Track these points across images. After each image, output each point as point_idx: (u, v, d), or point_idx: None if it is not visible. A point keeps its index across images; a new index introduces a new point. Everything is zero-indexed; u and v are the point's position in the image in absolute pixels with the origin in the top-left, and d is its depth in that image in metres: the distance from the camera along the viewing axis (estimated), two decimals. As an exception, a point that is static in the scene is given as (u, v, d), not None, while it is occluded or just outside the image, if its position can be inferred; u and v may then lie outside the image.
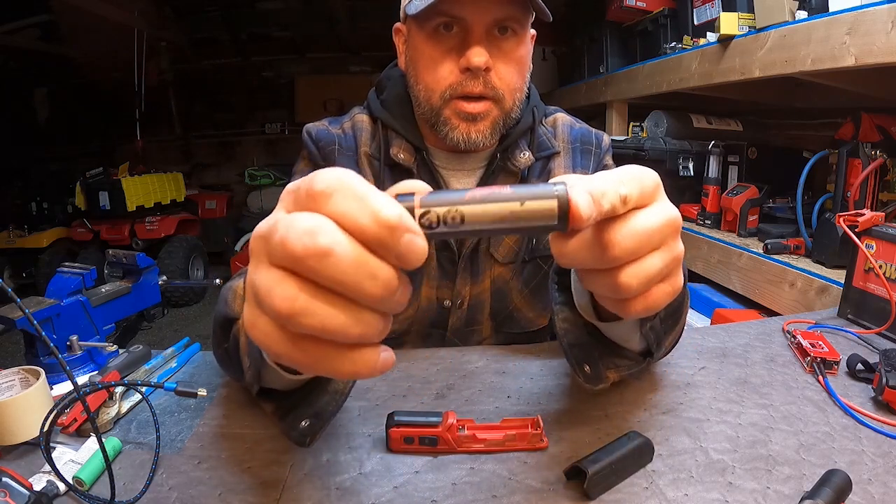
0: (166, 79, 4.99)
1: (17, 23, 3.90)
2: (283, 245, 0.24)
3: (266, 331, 0.27)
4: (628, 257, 0.31)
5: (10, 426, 0.52)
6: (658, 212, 0.32)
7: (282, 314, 0.25)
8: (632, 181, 0.31)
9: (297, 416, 0.46)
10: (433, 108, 0.71)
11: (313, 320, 0.25)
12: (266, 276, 0.25)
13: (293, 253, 0.24)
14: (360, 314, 0.25)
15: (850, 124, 1.30)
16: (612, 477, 0.48)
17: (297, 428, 0.46)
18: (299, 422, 0.46)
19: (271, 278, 0.25)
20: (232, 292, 0.50)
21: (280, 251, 0.25)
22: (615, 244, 0.30)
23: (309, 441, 0.46)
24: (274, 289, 0.25)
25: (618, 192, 0.30)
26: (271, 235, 0.25)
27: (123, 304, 0.85)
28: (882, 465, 0.51)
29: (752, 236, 1.50)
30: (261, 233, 0.27)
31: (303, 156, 0.81)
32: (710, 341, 0.78)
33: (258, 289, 0.26)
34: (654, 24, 2.09)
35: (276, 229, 0.25)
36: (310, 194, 0.25)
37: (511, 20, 0.67)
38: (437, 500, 0.47)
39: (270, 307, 0.25)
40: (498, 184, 0.78)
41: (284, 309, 0.25)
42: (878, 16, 1.01)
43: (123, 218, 3.82)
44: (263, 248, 0.26)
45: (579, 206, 0.27)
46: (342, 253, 0.24)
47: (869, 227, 0.82)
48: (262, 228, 0.27)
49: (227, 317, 0.49)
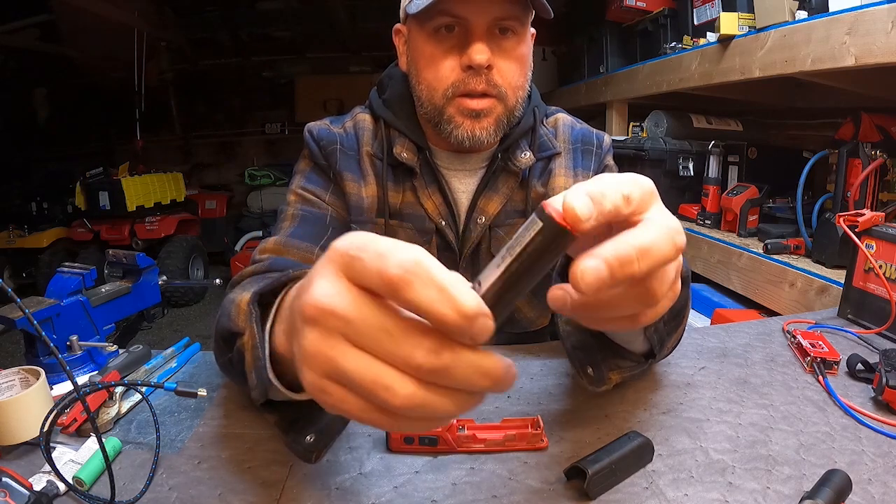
0: (166, 79, 4.99)
1: (17, 23, 3.90)
2: (410, 358, 0.26)
3: (356, 405, 0.28)
4: (663, 291, 0.32)
5: (10, 426, 0.51)
6: (665, 228, 0.31)
7: (401, 408, 0.26)
8: (630, 183, 0.31)
9: (301, 430, 0.45)
10: (436, 106, 0.71)
11: (428, 413, 0.26)
12: (373, 369, 0.26)
13: (419, 366, 0.26)
14: (471, 399, 0.27)
15: (850, 124, 1.31)
16: (612, 477, 0.48)
17: (302, 442, 0.44)
18: (304, 436, 0.44)
19: (383, 373, 0.26)
20: (235, 307, 0.49)
21: (403, 357, 0.26)
22: (655, 292, 0.31)
23: (315, 457, 0.45)
24: (393, 386, 0.26)
25: (619, 191, 0.30)
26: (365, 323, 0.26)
27: (123, 304, 0.85)
28: (882, 465, 0.51)
29: (752, 236, 1.50)
30: (332, 308, 0.27)
31: (304, 155, 0.81)
32: (710, 341, 0.78)
33: (361, 379, 0.26)
34: (654, 24, 2.09)
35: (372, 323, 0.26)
36: (385, 279, 0.25)
37: (511, 19, 0.67)
38: (437, 500, 0.47)
39: (385, 401, 0.26)
40: (499, 183, 0.78)
41: (404, 404, 0.26)
42: (878, 16, 1.01)
43: (123, 218, 3.82)
44: (341, 328, 0.27)
45: (575, 207, 0.27)
46: (456, 373, 0.26)
47: (869, 227, 0.82)
48: (330, 299, 0.27)
49: (231, 331, 0.48)
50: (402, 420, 0.27)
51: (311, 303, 0.27)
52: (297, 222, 0.75)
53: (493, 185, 0.78)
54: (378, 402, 0.26)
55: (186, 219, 4.32)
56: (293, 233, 0.74)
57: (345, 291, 0.27)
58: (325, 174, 0.78)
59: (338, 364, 0.27)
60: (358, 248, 0.27)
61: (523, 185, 0.79)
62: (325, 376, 0.28)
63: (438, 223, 0.77)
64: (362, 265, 0.26)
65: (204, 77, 5.30)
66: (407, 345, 0.26)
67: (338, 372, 0.27)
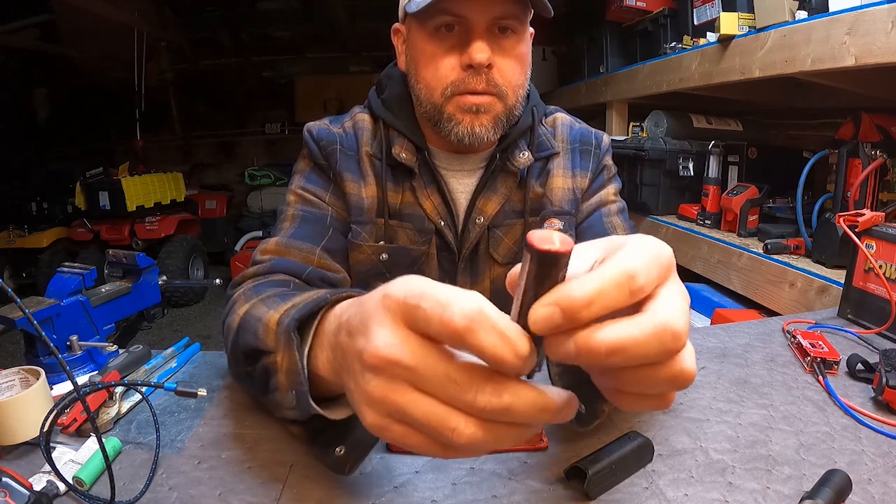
0: (166, 79, 4.99)
1: (17, 23, 3.90)
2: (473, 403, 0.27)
3: (420, 442, 0.30)
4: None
5: (10, 426, 0.51)
6: (661, 325, 0.26)
7: (465, 446, 0.28)
8: (644, 266, 0.27)
9: (328, 441, 0.45)
10: (435, 105, 0.70)
11: (490, 447, 0.29)
12: (438, 412, 0.28)
13: (483, 409, 0.27)
14: (529, 430, 0.29)
15: (850, 124, 1.31)
16: (612, 477, 0.48)
17: (332, 455, 0.45)
18: (332, 447, 0.45)
19: (448, 416, 0.28)
20: (263, 326, 0.49)
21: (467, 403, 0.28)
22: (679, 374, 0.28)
23: (348, 470, 0.45)
24: (459, 427, 0.28)
25: (625, 286, 0.26)
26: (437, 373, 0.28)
27: (123, 304, 0.85)
28: (882, 465, 0.51)
29: (752, 236, 1.50)
30: (397, 359, 0.28)
31: (303, 155, 0.81)
32: (710, 341, 0.78)
33: (427, 422, 0.28)
34: (654, 24, 2.09)
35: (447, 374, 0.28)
36: (450, 329, 0.27)
37: (511, 18, 0.67)
38: (437, 500, 0.47)
39: (451, 441, 0.28)
40: (498, 184, 0.78)
41: (468, 442, 0.28)
42: (878, 16, 1.01)
43: (123, 218, 3.82)
44: (405, 376, 0.29)
45: (538, 316, 0.26)
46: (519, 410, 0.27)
47: (869, 227, 0.82)
48: (394, 350, 0.29)
49: (258, 349, 0.49)
50: (464, 452, 0.30)
51: (373, 352, 0.29)
52: (297, 223, 0.75)
53: (491, 185, 0.78)
54: (443, 441, 0.28)
55: (186, 219, 4.32)
56: (294, 233, 0.74)
57: (406, 341, 0.29)
58: (324, 174, 0.78)
59: (404, 409, 0.29)
60: (417, 297, 0.28)
61: (522, 185, 0.79)
62: (389, 417, 0.30)
63: (437, 223, 0.77)
64: (424, 314, 0.28)
65: (204, 77, 5.30)
66: (471, 391, 0.27)
67: (404, 415, 0.29)
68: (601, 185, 0.83)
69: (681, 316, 0.27)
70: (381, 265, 0.78)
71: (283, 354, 0.45)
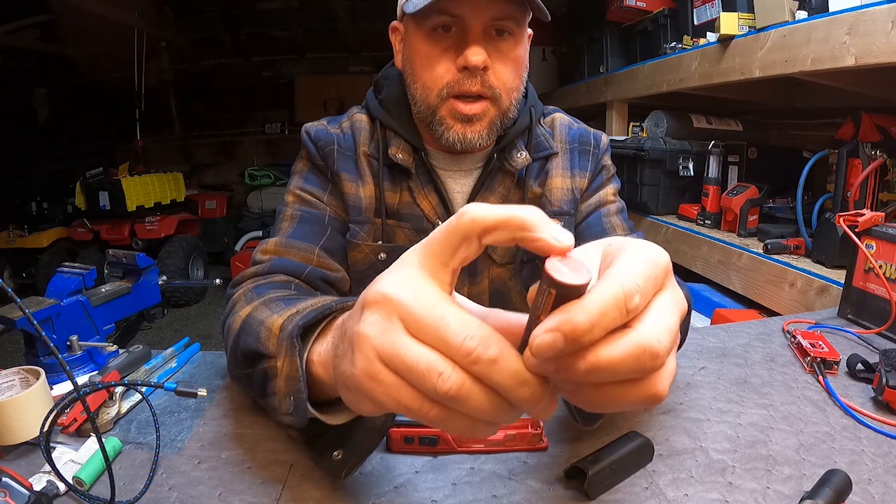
0: (166, 79, 5.00)
1: (17, 23, 3.90)
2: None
3: (406, 392, 0.29)
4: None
5: (10, 426, 0.51)
6: (665, 320, 0.27)
7: (447, 395, 0.27)
8: (642, 278, 0.27)
9: (326, 445, 0.45)
10: (430, 106, 0.70)
11: (470, 407, 0.28)
12: (428, 354, 0.28)
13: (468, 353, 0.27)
14: (509, 410, 0.29)
15: (850, 124, 1.30)
16: (612, 477, 0.48)
17: (329, 459, 0.45)
18: (330, 451, 0.45)
19: (437, 360, 0.28)
20: (265, 329, 0.49)
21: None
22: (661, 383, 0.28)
23: (345, 474, 0.45)
24: (445, 372, 0.27)
25: (623, 302, 0.26)
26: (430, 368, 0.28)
27: (123, 304, 0.85)
28: (882, 465, 0.51)
29: (752, 236, 1.50)
30: (396, 294, 0.29)
31: (302, 155, 0.81)
32: (710, 341, 0.78)
33: (416, 362, 0.28)
34: (654, 24, 2.09)
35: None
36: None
37: (509, 19, 0.67)
38: (437, 500, 0.47)
39: (435, 387, 0.27)
40: (495, 184, 0.78)
41: (451, 390, 0.27)
42: (878, 16, 1.01)
43: (123, 218, 3.82)
44: (401, 314, 0.28)
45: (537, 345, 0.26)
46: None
47: (869, 227, 0.82)
48: (396, 288, 0.29)
49: (258, 352, 0.49)
50: (446, 415, 0.29)
51: (375, 290, 0.29)
52: (296, 223, 0.75)
53: (489, 185, 0.78)
54: (428, 387, 0.27)
55: (186, 219, 4.32)
56: (293, 234, 0.74)
57: (411, 285, 0.29)
58: (322, 175, 0.78)
59: (394, 346, 0.28)
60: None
61: (520, 185, 0.79)
62: (379, 360, 0.29)
63: (436, 223, 0.77)
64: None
65: (204, 77, 5.30)
66: (461, 333, 0.27)
67: (393, 355, 0.28)
68: (600, 185, 0.83)
69: (664, 335, 0.26)
70: (379, 265, 0.78)
71: (283, 360, 0.45)
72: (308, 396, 0.42)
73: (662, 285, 0.28)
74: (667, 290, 0.29)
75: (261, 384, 0.48)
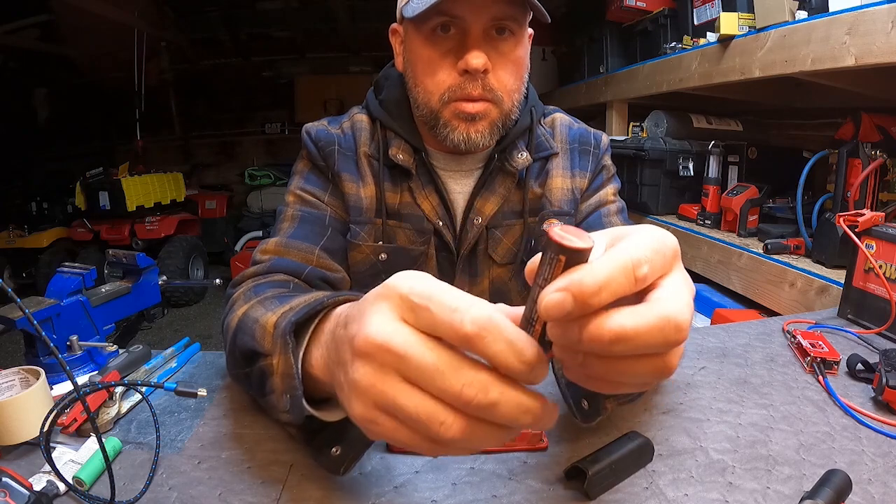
0: (166, 79, 5.00)
1: (17, 23, 3.90)
2: (460, 396, 0.27)
3: (406, 436, 0.29)
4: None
5: (10, 426, 0.51)
6: (682, 296, 0.28)
7: (451, 441, 0.28)
8: (650, 253, 0.27)
9: (324, 441, 0.45)
10: (432, 110, 0.70)
11: (474, 445, 0.29)
12: (426, 405, 0.28)
13: (469, 402, 0.27)
14: (512, 432, 0.29)
15: (850, 124, 1.30)
16: (612, 477, 0.48)
17: (328, 455, 0.45)
18: (329, 448, 0.45)
19: (437, 409, 0.28)
20: (260, 328, 0.49)
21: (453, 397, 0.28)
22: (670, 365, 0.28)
23: (343, 470, 0.45)
24: (447, 421, 0.28)
25: (631, 273, 0.26)
26: (423, 363, 0.28)
27: (123, 304, 0.85)
28: (882, 465, 0.51)
29: (752, 236, 1.50)
30: (387, 344, 0.28)
31: (302, 155, 0.81)
32: (710, 341, 0.78)
33: (415, 414, 0.28)
34: (654, 24, 2.09)
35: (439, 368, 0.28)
36: (460, 334, 0.27)
37: (509, 19, 0.66)
38: (437, 500, 0.47)
39: (438, 435, 0.28)
40: (496, 184, 0.78)
41: (455, 437, 0.28)
42: (878, 16, 1.01)
43: (123, 218, 3.82)
44: (395, 364, 0.29)
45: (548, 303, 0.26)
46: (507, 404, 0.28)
47: (869, 227, 0.82)
48: (387, 336, 0.29)
49: (255, 351, 0.49)
50: (447, 450, 0.30)
51: (364, 337, 0.29)
52: (296, 223, 0.75)
53: (489, 185, 0.78)
54: (429, 435, 0.28)
55: (186, 219, 4.32)
56: (293, 234, 0.74)
57: (398, 329, 0.29)
58: (323, 175, 0.78)
59: (393, 400, 0.28)
60: (423, 297, 0.28)
61: (520, 185, 0.79)
62: (377, 408, 0.29)
63: (436, 224, 0.77)
64: (431, 317, 0.28)
65: (204, 77, 5.30)
66: (458, 382, 0.27)
67: (391, 406, 0.29)
68: (600, 185, 0.83)
69: (685, 308, 0.27)
70: (379, 265, 0.78)
71: (279, 358, 0.45)
72: (305, 393, 0.42)
73: (672, 266, 0.29)
74: (678, 270, 0.29)
75: (259, 382, 0.49)
